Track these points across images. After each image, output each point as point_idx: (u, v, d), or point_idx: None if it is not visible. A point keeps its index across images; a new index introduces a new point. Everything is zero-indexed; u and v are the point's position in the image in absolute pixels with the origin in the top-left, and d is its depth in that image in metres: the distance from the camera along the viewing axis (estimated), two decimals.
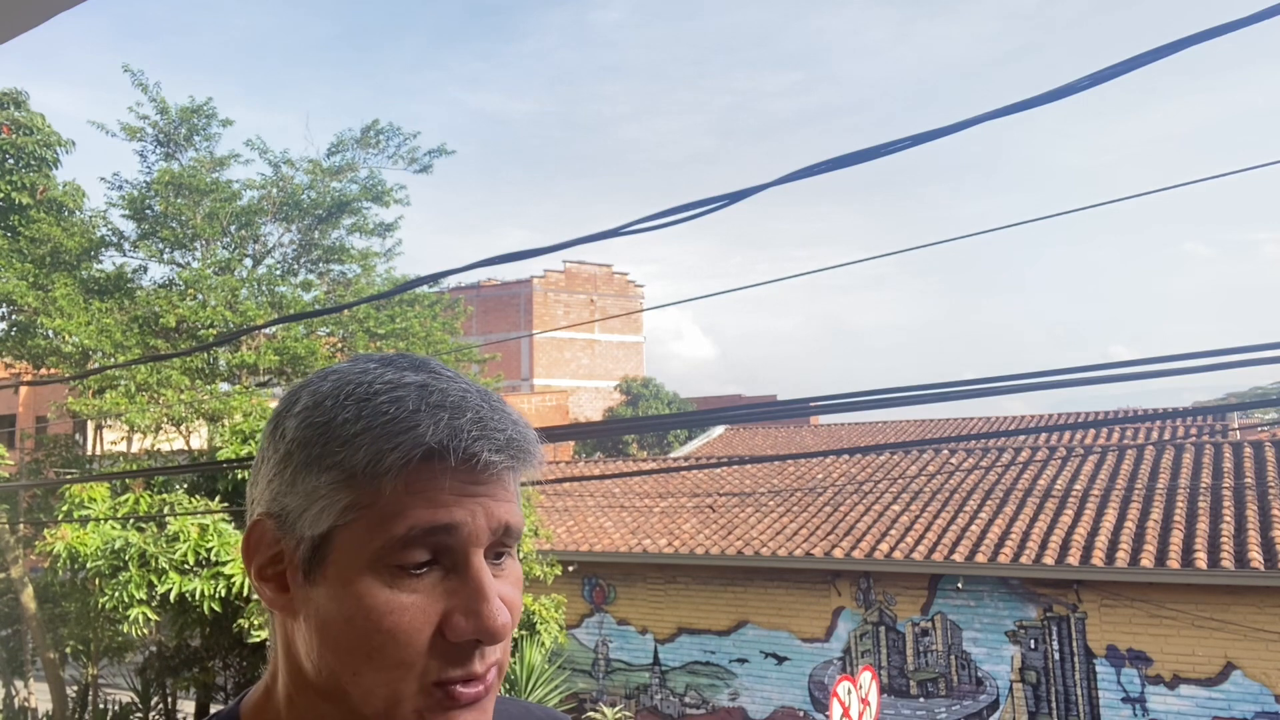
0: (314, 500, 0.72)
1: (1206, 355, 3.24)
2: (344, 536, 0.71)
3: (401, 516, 0.70)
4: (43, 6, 1.59)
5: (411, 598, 0.70)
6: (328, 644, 0.72)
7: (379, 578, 0.70)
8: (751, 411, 12.80)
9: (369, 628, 0.70)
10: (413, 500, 0.70)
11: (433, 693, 0.71)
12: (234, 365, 12.89)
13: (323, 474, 0.72)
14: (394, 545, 0.70)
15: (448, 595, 0.71)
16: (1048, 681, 11.23)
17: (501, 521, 0.73)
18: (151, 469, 10.75)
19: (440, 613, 0.70)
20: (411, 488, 0.70)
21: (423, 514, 0.70)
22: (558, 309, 35.21)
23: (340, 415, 0.73)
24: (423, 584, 0.71)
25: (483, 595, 0.71)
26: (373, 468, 0.70)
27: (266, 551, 0.76)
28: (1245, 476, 12.24)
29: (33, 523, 12.90)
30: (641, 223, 2.76)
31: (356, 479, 0.71)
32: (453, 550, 0.71)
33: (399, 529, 0.70)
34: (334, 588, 0.72)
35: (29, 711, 13.16)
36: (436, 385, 0.74)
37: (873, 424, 25.21)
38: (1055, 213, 5.41)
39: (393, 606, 0.70)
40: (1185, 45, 2.07)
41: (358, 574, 0.71)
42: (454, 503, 0.71)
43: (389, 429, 0.71)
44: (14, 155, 12.98)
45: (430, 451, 0.70)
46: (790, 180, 2.58)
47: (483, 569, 0.72)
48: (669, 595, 13.65)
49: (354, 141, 14.06)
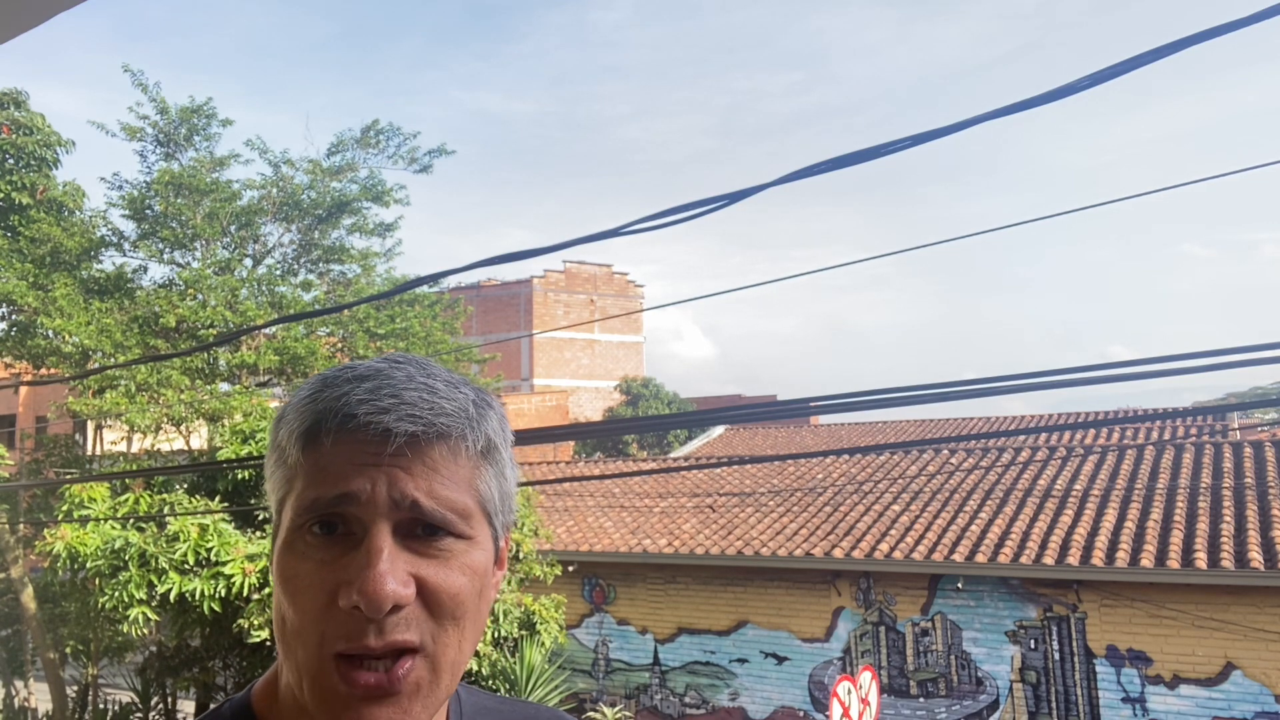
0: (270, 480, 0.77)
1: (1206, 355, 3.24)
2: (283, 511, 0.75)
3: (306, 487, 0.72)
4: (43, 6, 1.59)
5: (309, 565, 0.71)
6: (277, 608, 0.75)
7: (291, 548, 0.73)
8: (751, 411, 12.79)
9: (280, 595, 0.73)
10: (315, 472, 0.72)
11: (334, 669, 0.70)
12: (234, 365, 12.89)
13: (272, 453, 0.77)
14: (300, 514, 0.72)
15: (344, 565, 0.70)
16: (1048, 681, 11.23)
17: (408, 495, 0.71)
18: (151, 469, 10.75)
19: (336, 580, 0.70)
20: (314, 460, 0.73)
21: (321, 484, 0.72)
22: (558, 309, 35.21)
23: (291, 401, 0.78)
24: (327, 553, 0.71)
25: (368, 562, 0.69)
26: (287, 443, 0.74)
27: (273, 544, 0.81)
28: (1245, 476, 12.23)
29: (33, 523, 12.90)
30: (641, 223, 2.76)
31: (283, 456, 0.75)
32: (358, 520, 0.71)
33: (304, 499, 0.72)
34: (272, 560, 0.76)
35: (29, 711, 13.16)
36: (373, 366, 0.76)
37: (873, 424, 25.21)
38: (1055, 213, 5.41)
39: (296, 572, 0.72)
40: (1185, 45, 2.07)
41: (282, 545, 0.74)
42: (353, 472, 0.71)
43: (298, 405, 0.75)
44: (14, 155, 12.98)
45: (318, 420, 0.73)
46: (790, 180, 2.58)
47: (376, 536, 0.70)
48: (669, 595, 13.65)
49: (354, 141, 14.07)
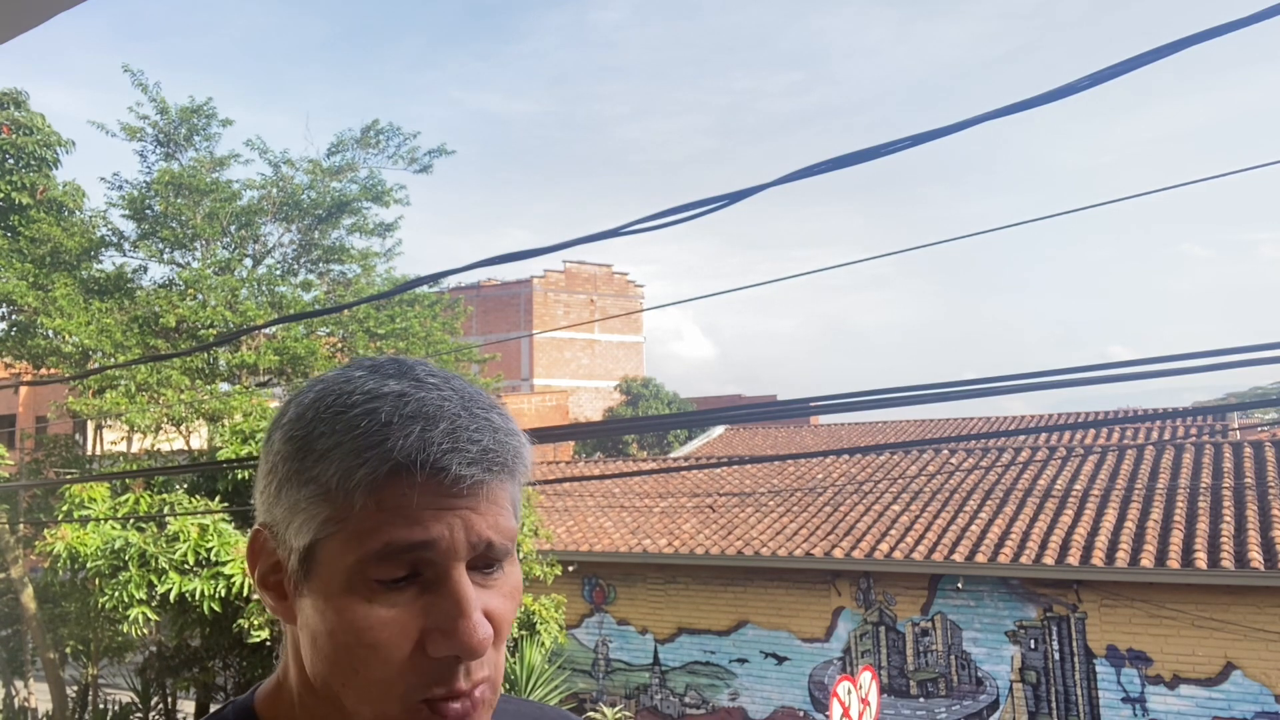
0: (296, 514, 0.72)
1: (1206, 355, 3.24)
2: (326, 550, 0.71)
3: (375, 533, 0.69)
4: (43, 6, 1.59)
5: (389, 613, 0.69)
6: (318, 654, 0.72)
7: (357, 593, 0.70)
8: (751, 411, 12.79)
9: (350, 643, 0.70)
10: (385, 516, 0.69)
11: (419, 710, 0.70)
12: (234, 365, 12.89)
13: (302, 488, 0.72)
14: (369, 560, 0.69)
15: (426, 611, 0.69)
16: (1048, 681, 11.23)
17: (483, 537, 0.71)
18: (151, 469, 10.75)
19: (419, 629, 0.69)
20: (383, 503, 0.69)
21: (397, 531, 0.69)
22: (558, 309, 35.21)
23: (317, 429, 0.72)
24: (402, 598, 0.70)
25: (461, 611, 0.69)
26: (344, 484, 0.69)
27: (267, 559, 0.76)
28: (1245, 476, 12.23)
29: (33, 523, 12.90)
30: (641, 223, 2.76)
31: (331, 494, 0.70)
32: (432, 564, 0.70)
33: (374, 545, 0.69)
34: (318, 600, 0.71)
35: (29, 711, 13.15)
36: (414, 394, 0.72)
37: (873, 424, 25.21)
38: (1055, 213, 5.41)
39: (371, 622, 0.69)
40: (1185, 45, 2.07)
41: (338, 588, 0.70)
42: (429, 518, 0.69)
43: (359, 444, 0.70)
44: (14, 155, 12.98)
45: (398, 466, 0.69)
46: (790, 180, 2.58)
47: (461, 583, 0.70)
48: (669, 595, 13.65)
49: (354, 141, 14.06)
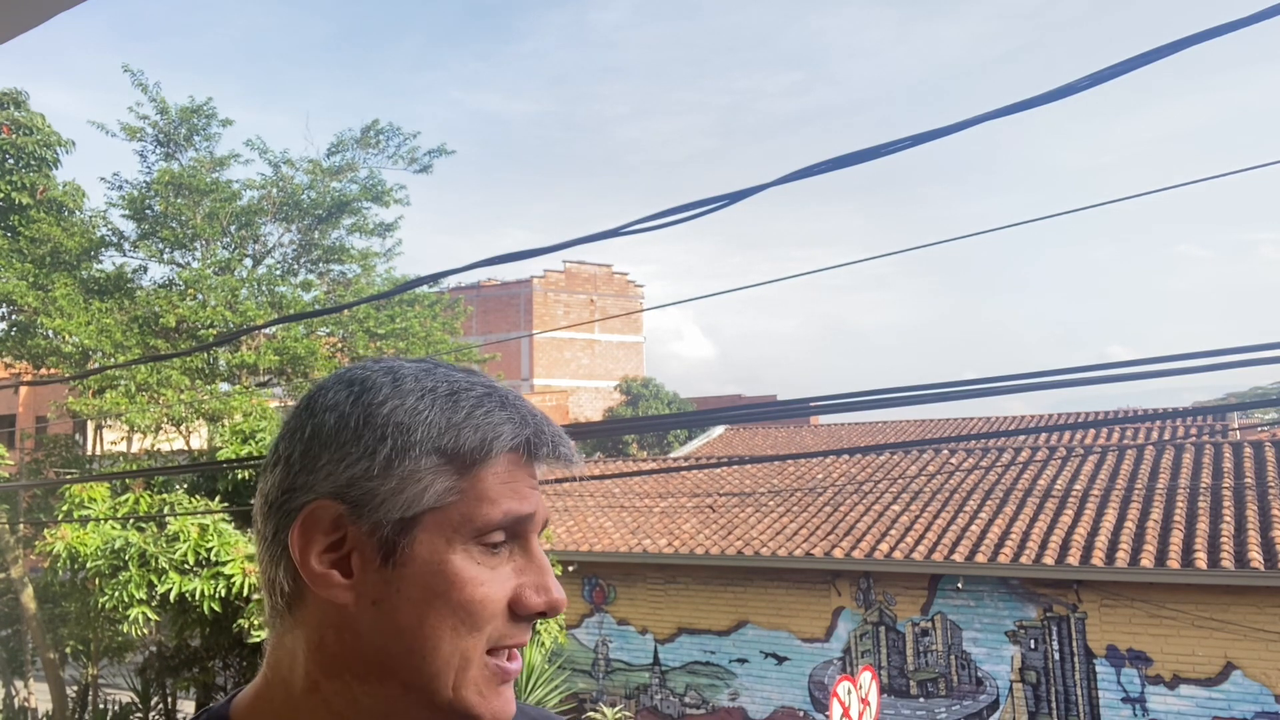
0: (410, 483, 0.77)
1: (1206, 355, 3.24)
2: (434, 518, 0.77)
3: (496, 502, 0.79)
4: (43, 6, 1.59)
5: (494, 573, 0.79)
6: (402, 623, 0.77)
7: (470, 555, 0.78)
8: (751, 411, 12.80)
9: (462, 599, 0.77)
10: (504, 489, 0.79)
11: (488, 662, 0.79)
12: (234, 365, 12.89)
13: (423, 458, 0.78)
14: (486, 528, 0.78)
15: (517, 573, 0.80)
16: (1048, 681, 11.23)
17: (546, 514, 0.85)
18: (151, 469, 10.75)
19: (514, 587, 0.79)
20: (503, 477, 0.79)
21: (513, 503, 0.79)
22: (558, 309, 35.21)
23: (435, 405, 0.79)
24: (500, 560, 0.80)
25: (548, 572, 0.81)
26: (477, 454, 0.78)
27: (325, 538, 0.78)
28: (1245, 476, 12.23)
29: (33, 523, 12.90)
30: (641, 223, 2.76)
31: (460, 463, 0.78)
32: (523, 534, 0.81)
33: (495, 514, 0.78)
34: (423, 566, 0.77)
35: (29, 711, 13.16)
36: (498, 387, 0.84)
37: (873, 424, 25.21)
38: (1055, 213, 5.41)
39: (483, 579, 0.78)
40: (1185, 45, 2.07)
41: (452, 552, 0.78)
42: (530, 495, 0.81)
43: (490, 419, 0.80)
44: (14, 155, 12.98)
45: (525, 444, 0.81)
46: (790, 180, 2.58)
47: (541, 550, 0.83)
48: (669, 595, 13.65)
49: (354, 141, 14.07)
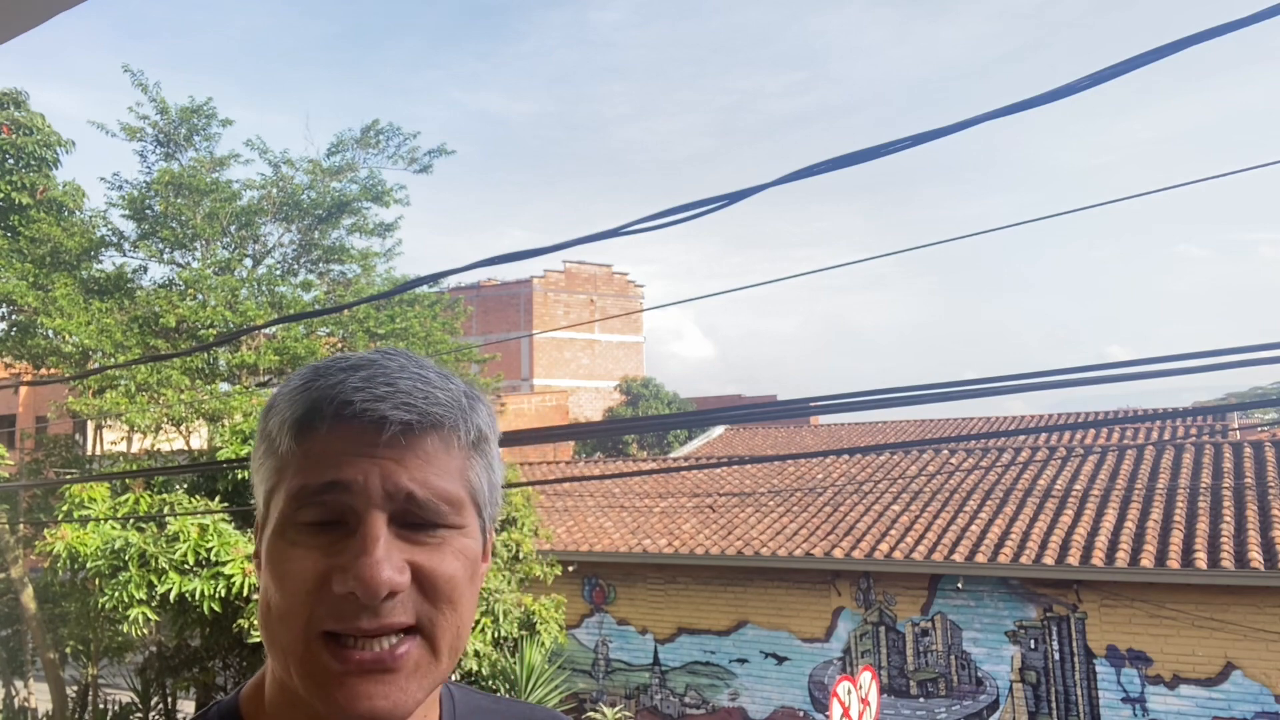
0: (257, 470, 0.78)
1: (1206, 355, 3.24)
2: (272, 503, 0.76)
3: (296, 475, 0.73)
4: (43, 6, 1.59)
5: (300, 550, 0.72)
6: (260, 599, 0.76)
7: (283, 537, 0.74)
8: (751, 411, 12.78)
9: (268, 581, 0.74)
10: (306, 460, 0.73)
11: (320, 649, 0.71)
12: (234, 365, 12.89)
13: (260, 445, 0.78)
14: (291, 504, 0.73)
15: (335, 553, 0.72)
16: (1048, 681, 11.23)
17: (402, 487, 0.72)
18: (151, 469, 10.75)
19: (329, 566, 0.71)
20: (307, 449, 0.73)
21: (312, 472, 0.72)
22: (558, 309, 35.20)
23: (284, 390, 0.78)
24: (319, 541, 0.72)
25: (363, 549, 0.70)
26: (277, 432, 0.75)
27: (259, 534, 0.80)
28: (1245, 476, 12.23)
29: (33, 523, 12.90)
30: (641, 223, 2.76)
31: (273, 445, 0.76)
32: (353, 510, 0.72)
33: (293, 487, 0.73)
34: (264, 545, 0.76)
35: (29, 711, 13.15)
36: (366, 358, 0.77)
37: (873, 424, 25.21)
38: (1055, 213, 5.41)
39: (286, 557, 0.72)
40: (1185, 45, 2.07)
41: (271, 535, 0.75)
42: (346, 462, 0.72)
43: (291, 394, 0.76)
44: (14, 155, 12.97)
45: (313, 408, 0.74)
46: (790, 180, 2.58)
47: (371, 524, 0.71)
48: (669, 595, 13.65)
49: (354, 141, 14.06)
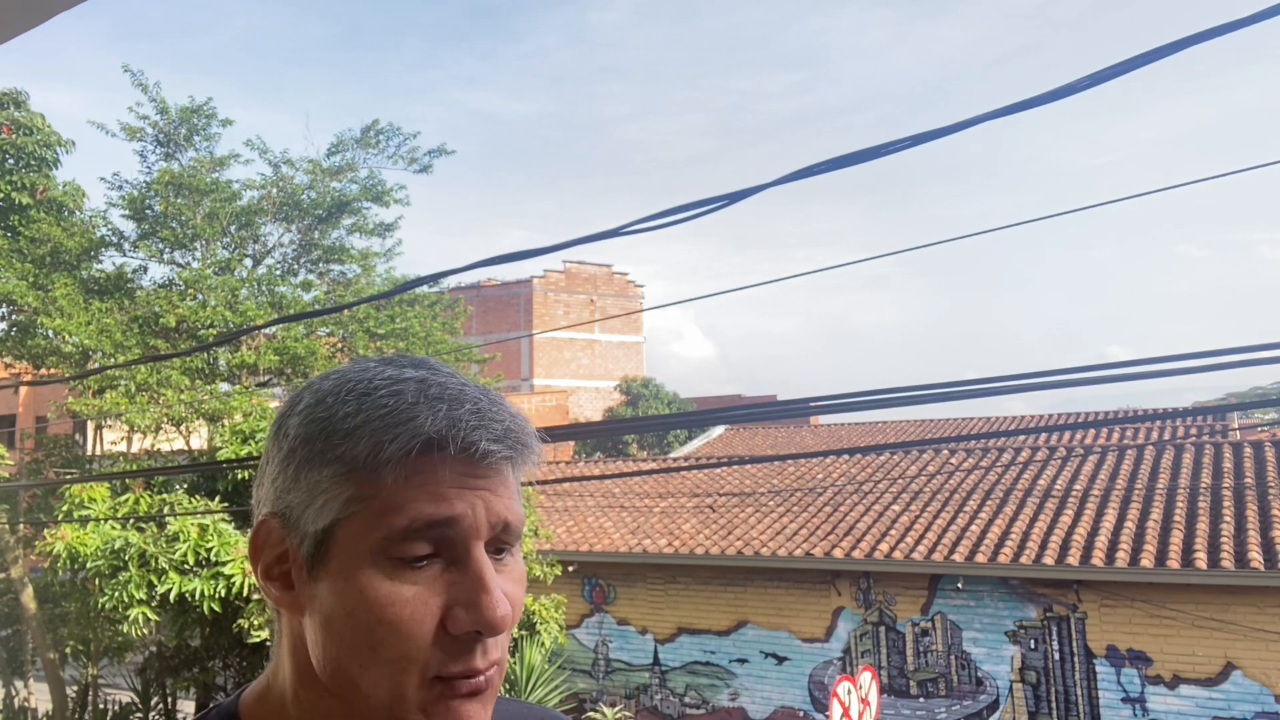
0: (316, 495, 0.73)
1: (1206, 355, 3.24)
2: (346, 531, 0.72)
3: (402, 509, 0.71)
4: (43, 6, 1.59)
5: (413, 590, 0.71)
6: (333, 638, 0.72)
7: (380, 570, 0.71)
8: (751, 411, 12.78)
9: (371, 620, 0.70)
10: (413, 493, 0.71)
11: (434, 686, 0.71)
12: (234, 365, 12.89)
13: (324, 468, 0.73)
14: (395, 537, 0.71)
15: (449, 588, 0.71)
16: (1048, 681, 11.23)
17: (501, 517, 0.74)
18: (151, 469, 10.75)
19: (441, 605, 0.71)
20: (411, 480, 0.71)
21: (423, 507, 0.71)
22: (558, 309, 35.21)
23: (341, 410, 0.74)
24: (424, 576, 0.71)
25: (484, 587, 0.71)
26: (373, 459, 0.71)
27: (272, 551, 0.76)
28: (1245, 476, 12.23)
29: (33, 523, 12.90)
30: (641, 223, 2.76)
31: (357, 471, 0.72)
32: (453, 543, 0.72)
33: (400, 521, 0.71)
34: (337, 582, 0.72)
35: (29, 711, 13.15)
36: (435, 379, 0.75)
37: (873, 424, 25.21)
38: (1055, 213, 5.41)
39: (394, 599, 0.70)
40: (1185, 45, 2.07)
41: (359, 567, 0.71)
42: (454, 495, 0.71)
43: (388, 420, 0.72)
44: (14, 155, 12.97)
45: (429, 442, 0.71)
46: (790, 180, 2.58)
47: (484, 561, 0.72)
48: (669, 595, 13.65)
49: (354, 141, 14.06)
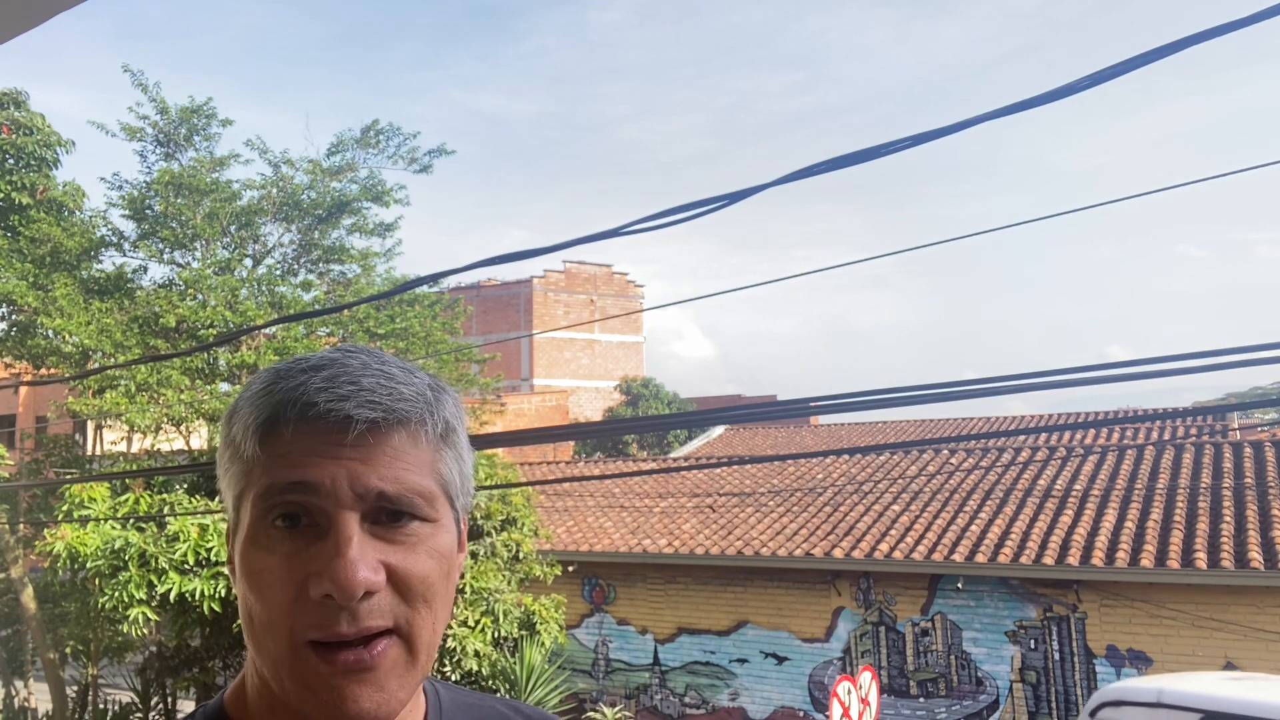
0: (223, 479, 0.77)
1: (1206, 355, 3.24)
2: (243, 500, 0.75)
3: (262, 477, 0.72)
4: (43, 6, 1.59)
5: (275, 558, 0.71)
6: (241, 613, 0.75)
7: (254, 542, 0.73)
8: (751, 411, 12.77)
9: (245, 590, 0.73)
10: (272, 461, 0.72)
11: (309, 655, 0.70)
12: (234, 365, 12.88)
13: (225, 449, 0.76)
14: (259, 508, 0.72)
15: (313, 556, 0.71)
16: (1048, 681, 11.22)
17: (370, 486, 0.71)
18: (151, 469, 10.75)
19: (305, 572, 0.70)
20: (272, 450, 0.72)
21: (277, 473, 0.72)
22: (558, 309, 35.20)
23: (249, 390, 0.77)
24: (292, 545, 0.71)
25: (336, 550, 0.70)
26: (241, 437, 0.74)
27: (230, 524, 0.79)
28: (1245, 476, 12.23)
29: (33, 523, 12.90)
30: (641, 223, 2.76)
31: (237, 449, 0.75)
32: (322, 511, 0.71)
33: (259, 489, 0.72)
34: (237, 548, 0.75)
35: (29, 711, 13.16)
36: (326, 356, 0.75)
37: (873, 424, 25.21)
38: (1055, 213, 5.41)
39: (261, 565, 0.72)
40: (1185, 45, 2.07)
41: (242, 542, 0.74)
42: (311, 463, 0.71)
43: (255, 398, 0.75)
44: (14, 155, 12.98)
45: (277, 410, 0.72)
46: (790, 180, 2.58)
47: (343, 526, 0.71)
48: (669, 595, 13.65)
49: (354, 141, 14.05)
